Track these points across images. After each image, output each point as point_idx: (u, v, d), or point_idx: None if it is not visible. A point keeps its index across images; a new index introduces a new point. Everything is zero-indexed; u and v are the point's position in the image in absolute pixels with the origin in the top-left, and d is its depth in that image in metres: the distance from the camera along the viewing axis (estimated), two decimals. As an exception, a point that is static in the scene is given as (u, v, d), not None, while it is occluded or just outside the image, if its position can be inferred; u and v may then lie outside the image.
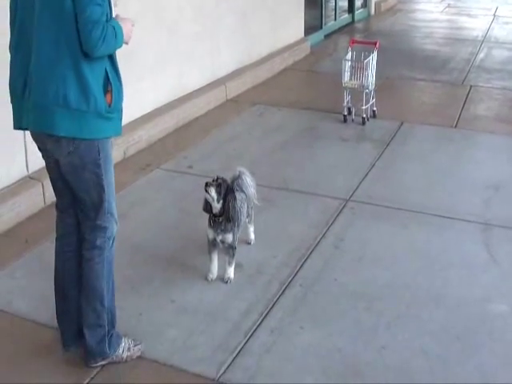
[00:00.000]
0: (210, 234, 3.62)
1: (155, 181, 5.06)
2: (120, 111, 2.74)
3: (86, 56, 2.53)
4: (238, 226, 3.65)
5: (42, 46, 2.55)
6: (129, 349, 3.05)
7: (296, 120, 6.51)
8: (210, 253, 3.67)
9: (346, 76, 6.31)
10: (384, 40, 9.33)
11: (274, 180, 5.02)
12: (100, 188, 2.77)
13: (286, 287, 3.64)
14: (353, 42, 6.48)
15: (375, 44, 6.33)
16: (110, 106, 2.63)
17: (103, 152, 2.71)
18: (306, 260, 3.92)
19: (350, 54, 6.34)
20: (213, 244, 3.64)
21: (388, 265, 3.88)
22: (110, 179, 2.81)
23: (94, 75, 2.57)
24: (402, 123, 6.34)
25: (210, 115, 6.65)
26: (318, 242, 4.13)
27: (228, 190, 3.57)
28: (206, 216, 3.67)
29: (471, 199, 4.72)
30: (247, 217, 3.89)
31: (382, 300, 3.53)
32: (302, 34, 9.51)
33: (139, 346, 3.09)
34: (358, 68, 6.28)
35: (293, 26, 9.19)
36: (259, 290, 3.61)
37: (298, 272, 3.79)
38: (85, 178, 2.73)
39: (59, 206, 2.95)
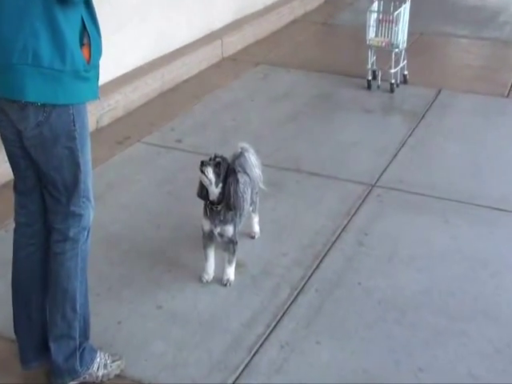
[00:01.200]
0: (206, 225, 3.61)
1: (136, 157, 5.06)
2: (97, 68, 2.71)
3: (61, 1, 2.49)
4: (240, 215, 3.64)
5: None
6: (105, 365, 3.04)
7: (308, 85, 6.49)
8: (205, 248, 3.67)
9: (371, 31, 6.29)
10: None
11: (283, 159, 5.02)
12: (75, 166, 2.74)
13: (298, 292, 3.64)
14: (379, -11, 6.45)
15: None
16: (88, 62, 2.59)
17: (79, 121, 2.67)
18: (322, 259, 3.91)
19: (376, 3, 6.31)
20: (209, 238, 3.63)
21: (425, 267, 3.88)
22: (87, 155, 2.79)
23: (69, 25, 2.51)
24: (439, 91, 6.34)
25: (202, 77, 6.64)
26: (338, 236, 4.13)
27: (229, 171, 3.54)
28: (201, 202, 3.65)
29: (528, 187, 4.72)
30: (251, 204, 3.88)
31: (417, 310, 3.53)
32: (316, -22, 9.47)
33: (118, 363, 3.09)
34: (386, 22, 6.26)
35: (305, -32, 9.16)
36: (266, 296, 3.61)
37: (313, 274, 3.79)
38: (56, 153, 2.69)
39: (20, 188, 2.90)
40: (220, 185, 3.51)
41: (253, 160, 3.84)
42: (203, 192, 3.59)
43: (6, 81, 2.55)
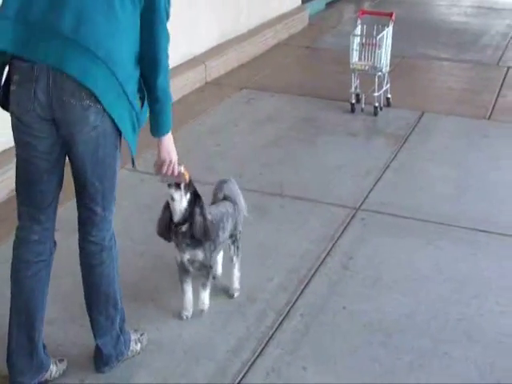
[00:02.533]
0: (177, 253, 3.51)
1: (119, 184, 4.95)
2: (139, 128, 2.91)
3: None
4: (210, 239, 3.46)
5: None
6: (139, 340, 3.36)
7: (292, 109, 6.55)
8: (181, 283, 3.60)
9: (355, 55, 6.37)
10: (400, 9, 9.45)
11: (267, 184, 5.06)
12: (115, 173, 2.91)
13: (283, 318, 3.66)
14: (363, 13, 6.54)
15: (390, 16, 6.39)
16: (141, 107, 2.86)
17: (120, 136, 2.85)
18: (307, 283, 3.94)
19: (359, 27, 6.40)
20: (183, 269, 3.55)
21: (408, 290, 3.91)
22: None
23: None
24: (422, 114, 6.41)
25: (185, 102, 6.68)
26: (323, 260, 4.16)
27: (196, 193, 3.42)
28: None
29: (510, 208, 4.77)
30: (232, 237, 3.75)
31: (402, 333, 3.56)
32: (299, 1, 9.57)
33: (145, 335, 3.40)
34: (369, 45, 6.33)
35: (288, -8, 9.27)
36: (251, 322, 3.62)
37: (298, 299, 3.81)
38: (103, 160, 2.82)
39: (36, 205, 2.91)
40: (188, 197, 3.36)
41: (237, 189, 3.83)
42: (165, 214, 3.43)
43: (89, 69, 2.66)
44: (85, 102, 2.67)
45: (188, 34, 7.06)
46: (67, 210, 3.41)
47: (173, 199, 3.34)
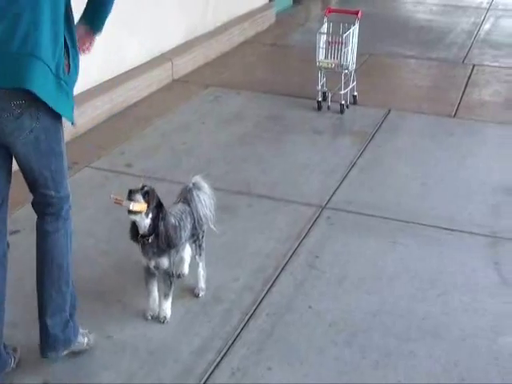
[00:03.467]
0: (143, 260, 3.51)
1: (84, 183, 5.03)
2: (73, 89, 2.95)
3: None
4: (175, 246, 3.50)
5: None
6: (86, 334, 3.34)
7: (259, 107, 6.55)
8: (146, 284, 3.59)
9: (321, 53, 6.39)
10: (367, 7, 9.49)
11: (234, 182, 5.05)
12: (61, 156, 2.97)
13: (249, 318, 3.66)
14: (329, 11, 6.55)
15: (357, 14, 6.41)
16: (68, 72, 2.86)
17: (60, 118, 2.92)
18: (273, 283, 3.94)
19: (325, 25, 6.41)
20: (148, 272, 3.55)
21: (374, 288, 3.93)
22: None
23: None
24: (388, 111, 6.44)
25: (152, 100, 6.66)
26: (289, 259, 4.16)
27: (159, 202, 3.39)
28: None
29: (476, 206, 4.82)
30: (193, 237, 3.71)
31: (367, 332, 3.57)
32: (267, -1, 9.58)
33: (92, 334, 3.37)
34: (336, 43, 6.35)
35: (255, -11, 9.26)
36: (217, 322, 3.61)
37: (264, 298, 3.81)
38: (47, 152, 2.90)
39: None
40: (150, 215, 3.34)
41: (202, 199, 3.69)
42: (134, 229, 3.44)
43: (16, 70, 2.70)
44: (16, 111, 2.75)
45: (155, 32, 7.03)
46: (27, 211, 3.37)
47: (135, 221, 3.37)
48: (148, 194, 3.30)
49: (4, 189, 2.99)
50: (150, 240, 3.40)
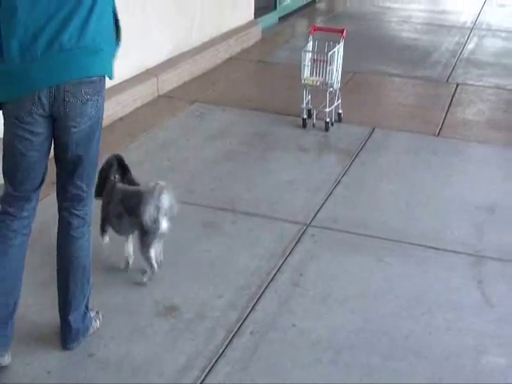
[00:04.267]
0: None
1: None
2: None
3: None
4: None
5: None
6: (97, 317, 3.57)
7: (244, 124, 6.57)
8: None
9: (306, 71, 6.42)
10: (351, 25, 9.58)
11: (218, 199, 5.06)
12: (98, 152, 3.25)
13: (233, 335, 3.65)
14: (314, 30, 6.60)
15: (342, 32, 6.46)
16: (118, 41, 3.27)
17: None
18: (257, 300, 3.95)
19: (310, 43, 6.45)
20: None
21: (358, 307, 3.94)
22: None
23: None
24: (373, 129, 6.48)
25: (137, 115, 6.67)
26: (273, 277, 4.17)
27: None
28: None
29: (460, 225, 4.85)
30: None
31: (351, 350, 3.58)
32: (252, 16, 9.62)
33: (100, 313, 3.60)
34: (321, 61, 6.39)
35: (241, 5, 9.31)
36: (200, 340, 3.61)
37: (248, 316, 3.81)
38: (93, 143, 3.17)
39: (27, 188, 3.16)
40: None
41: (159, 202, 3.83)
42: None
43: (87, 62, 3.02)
44: (84, 97, 3.01)
45: (140, 47, 7.04)
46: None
47: None
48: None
49: (45, 173, 3.19)
50: None
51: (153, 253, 3.90)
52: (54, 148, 3.17)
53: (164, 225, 3.84)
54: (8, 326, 3.25)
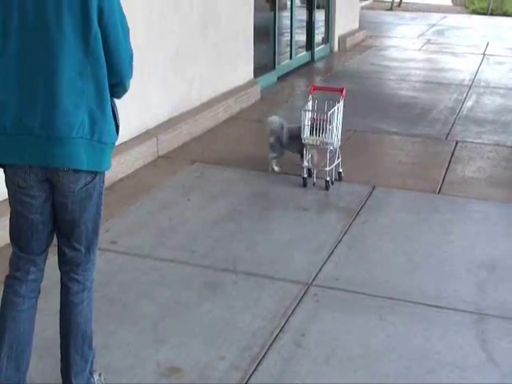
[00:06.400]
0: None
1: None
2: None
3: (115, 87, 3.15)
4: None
5: (64, 69, 2.94)
6: (100, 380, 3.54)
7: (245, 183, 6.66)
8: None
9: (306, 130, 6.53)
10: (350, 83, 9.75)
11: (219, 259, 5.12)
12: (99, 218, 3.26)
13: (236, 397, 3.69)
14: (314, 89, 6.73)
15: (341, 91, 6.59)
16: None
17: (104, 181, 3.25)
18: (260, 361, 3.97)
19: (310, 103, 6.58)
20: None
21: (362, 366, 3.97)
22: None
23: (109, 105, 3.13)
24: (373, 188, 6.56)
25: (137, 176, 6.76)
26: (275, 337, 4.20)
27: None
28: (134, 306, 3.75)
29: (461, 283, 4.90)
30: None
31: (355, 411, 3.61)
32: (251, 76, 9.79)
33: (102, 375, 3.58)
34: (321, 121, 6.50)
35: (240, 65, 9.49)
36: (203, 401, 3.64)
37: (251, 376, 3.84)
38: (90, 208, 3.17)
39: (33, 250, 3.23)
40: None
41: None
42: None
43: (65, 152, 2.99)
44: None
45: (140, 108, 7.17)
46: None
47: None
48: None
49: (50, 235, 3.26)
50: None
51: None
52: (53, 208, 3.20)
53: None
54: None
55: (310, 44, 12.46)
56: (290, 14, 11.37)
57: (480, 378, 3.90)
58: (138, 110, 7.13)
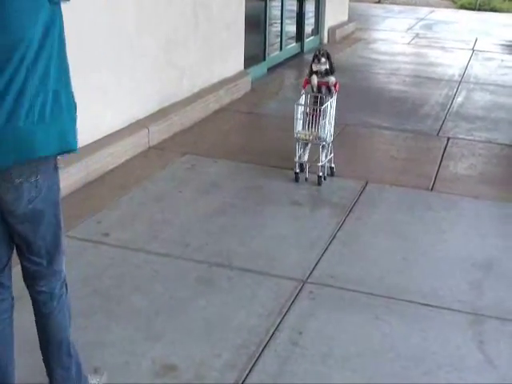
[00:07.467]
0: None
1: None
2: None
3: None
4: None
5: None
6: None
7: (236, 176, 6.62)
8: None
9: (299, 125, 6.48)
10: (341, 77, 9.57)
11: (214, 254, 5.07)
12: (58, 227, 3.04)
13: (233, 396, 3.65)
14: (307, 83, 6.67)
15: (334, 86, 6.54)
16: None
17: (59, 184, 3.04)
18: (257, 360, 3.93)
19: (303, 97, 6.52)
20: None
21: (358, 366, 3.94)
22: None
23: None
24: (366, 183, 6.54)
25: (128, 167, 6.70)
26: (272, 335, 4.16)
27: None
28: (127, 303, 3.73)
29: (456, 282, 4.87)
30: None
31: (353, 412, 3.58)
32: (242, 67, 9.74)
33: (104, 375, 3.54)
34: (313, 115, 6.46)
35: (230, 56, 9.43)
36: (200, 401, 3.60)
37: (248, 376, 3.80)
38: (45, 222, 2.96)
39: None
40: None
41: None
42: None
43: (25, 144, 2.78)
44: (16, 181, 2.80)
45: (130, 99, 7.11)
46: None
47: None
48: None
49: (9, 250, 3.07)
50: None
51: None
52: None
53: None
54: None
55: (299, 35, 12.40)
56: (280, 4, 11.30)
57: (477, 379, 3.88)
58: (128, 99, 7.06)
